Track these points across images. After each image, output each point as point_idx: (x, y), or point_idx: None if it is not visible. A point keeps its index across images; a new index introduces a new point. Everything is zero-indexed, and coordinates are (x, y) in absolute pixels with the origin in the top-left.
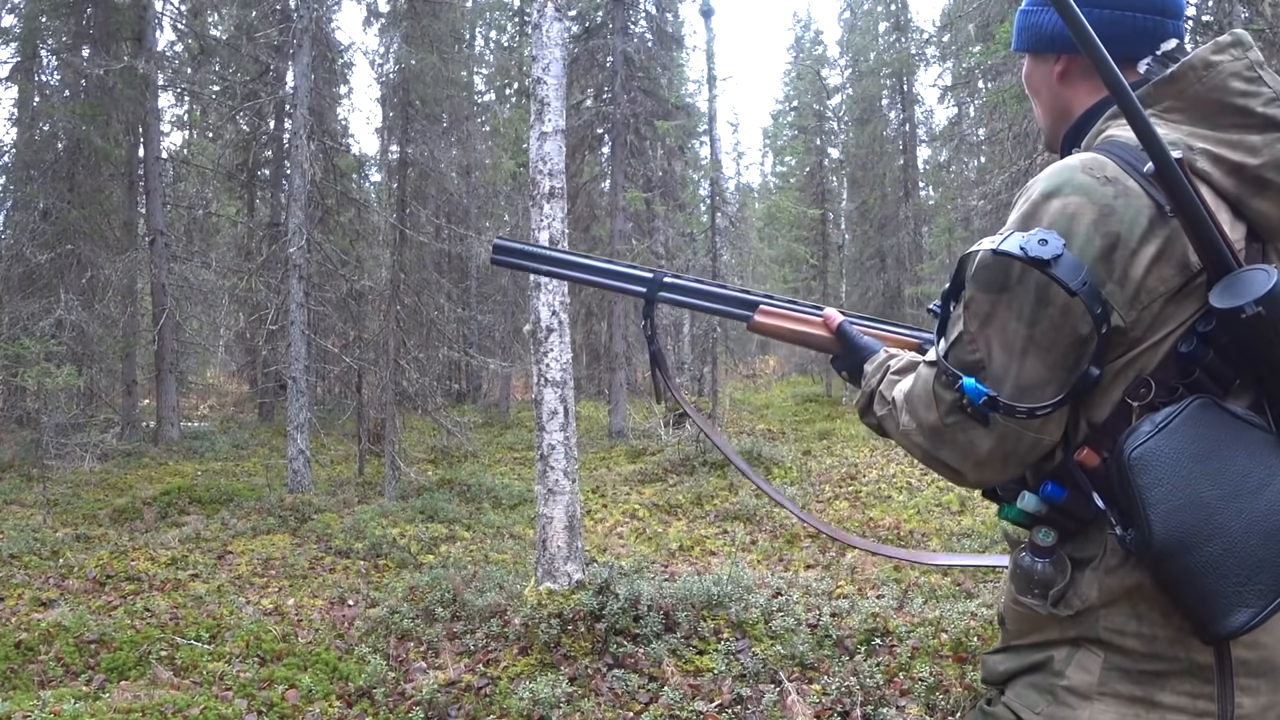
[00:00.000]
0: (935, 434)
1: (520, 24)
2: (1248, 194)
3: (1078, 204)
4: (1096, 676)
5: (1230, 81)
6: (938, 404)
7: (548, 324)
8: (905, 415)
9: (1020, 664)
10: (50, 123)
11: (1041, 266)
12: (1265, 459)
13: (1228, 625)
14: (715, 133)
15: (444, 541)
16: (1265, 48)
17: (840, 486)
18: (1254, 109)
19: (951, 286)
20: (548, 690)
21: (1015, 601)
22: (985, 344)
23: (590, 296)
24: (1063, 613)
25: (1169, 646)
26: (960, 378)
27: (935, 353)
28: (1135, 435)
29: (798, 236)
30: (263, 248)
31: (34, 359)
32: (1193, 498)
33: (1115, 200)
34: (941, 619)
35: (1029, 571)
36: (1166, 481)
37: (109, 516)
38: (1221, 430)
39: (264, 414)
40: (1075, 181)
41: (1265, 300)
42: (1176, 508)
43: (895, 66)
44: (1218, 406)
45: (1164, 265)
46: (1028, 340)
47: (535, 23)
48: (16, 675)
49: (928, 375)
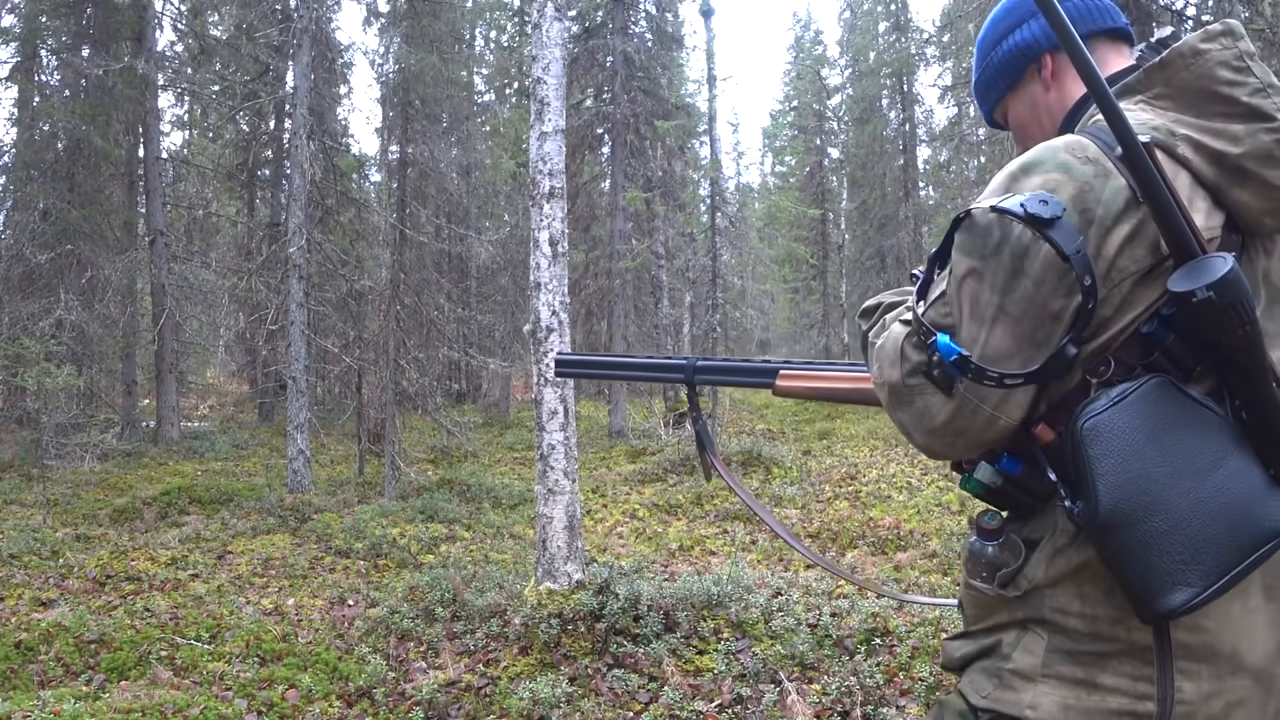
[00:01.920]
0: (894, 393)
1: (520, 24)
2: (1228, 183)
3: (1058, 180)
4: (1040, 658)
5: (1218, 70)
6: (902, 362)
7: (548, 324)
8: (875, 367)
9: (974, 649)
10: (50, 123)
11: (1039, 225)
12: (1217, 442)
13: (1167, 604)
14: (715, 133)
15: (444, 541)
16: (1265, 47)
17: (840, 486)
18: (1239, 98)
19: (939, 249)
20: (548, 690)
21: (967, 585)
22: (958, 306)
23: (590, 296)
24: (1010, 594)
25: (1110, 626)
26: (934, 334)
27: (912, 312)
28: (1091, 407)
29: (798, 236)
30: (263, 248)
31: (34, 359)
32: (1141, 472)
33: (1094, 179)
34: (941, 619)
35: (978, 554)
36: (1116, 454)
37: (109, 516)
38: (1176, 410)
39: (264, 414)
40: (1057, 159)
41: (1216, 286)
42: (1124, 480)
43: (895, 66)
44: (1174, 387)
45: (1136, 246)
46: (999, 308)
47: (535, 23)
48: (16, 675)
49: (899, 333)
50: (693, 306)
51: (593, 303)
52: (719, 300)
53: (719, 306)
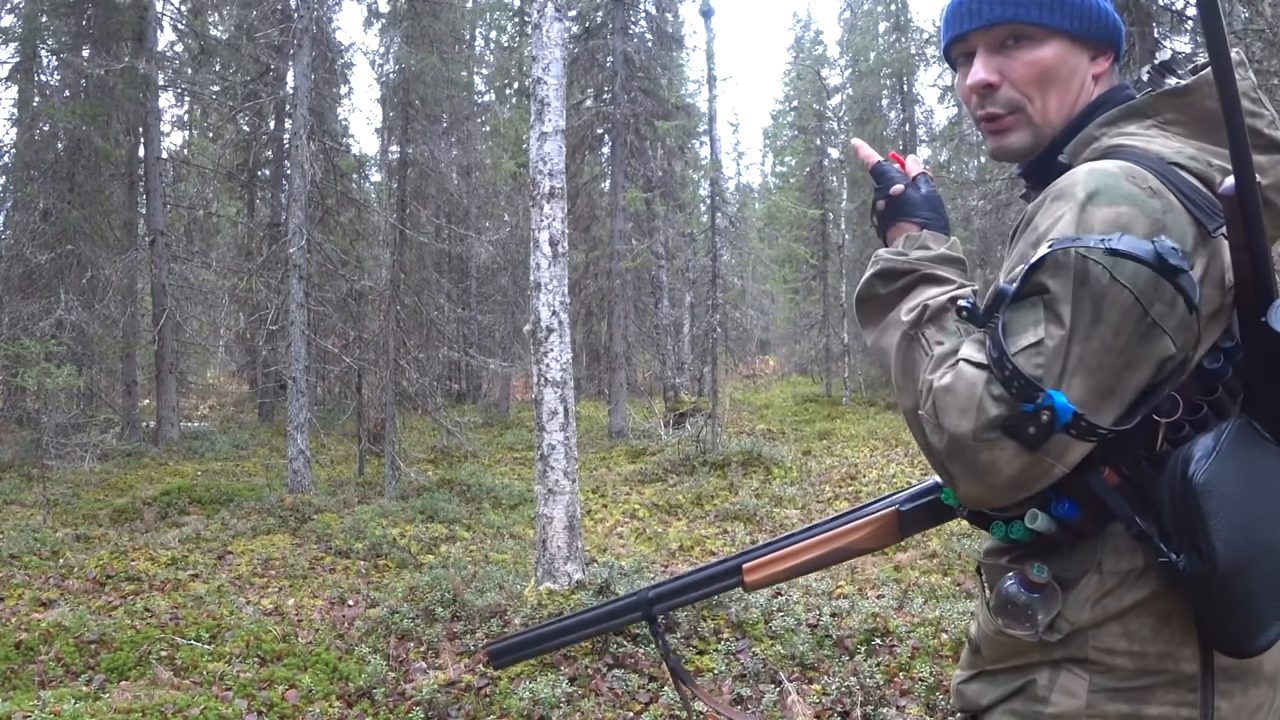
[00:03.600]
0: (958, 444)
1: (520, 24)
2: None
3: (1130, 215)
4: (1084, 700)
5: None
6: (979, 414)
7: (548, 324)
8: (929, 406)
9: (1000, 692)
10: (50, 123)
11: (1173, 276)
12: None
13: (1262, 641)
14: (715, 133)
15: (444, 541)
16: (1265, 47)
17: (840, 486)
18: (1261, 129)
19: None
20: (548, 690)
21: (999, 633)
22: (1056, 356)
23: (590, 296)
24: (1051, 639)
25: (1158, 661)
26: (1041, 390)
27: (986, 354)
28: (1197, 460)
29: (798, 236)
30: (263, 248)
31: (34, 359)
32: (1248, 520)
33: (1164, 215)
34: (941, 619)
35: (1023, 607)
36: (1230, 506)
37: (109, 516)
38: (1258, 449)
39: (264, 414)
40: (1122, 190)
41: None
42: (1237, 532)
43: (895, 66)
44: (1250, 426)
45: (1207, 285)
46: (1080, 358)
47: (535, 23)
48: (16, 675)
49: (975, 378)
50: (693, 306)
51: (593, 303)
52: (719, 300)
53: (719, 306)
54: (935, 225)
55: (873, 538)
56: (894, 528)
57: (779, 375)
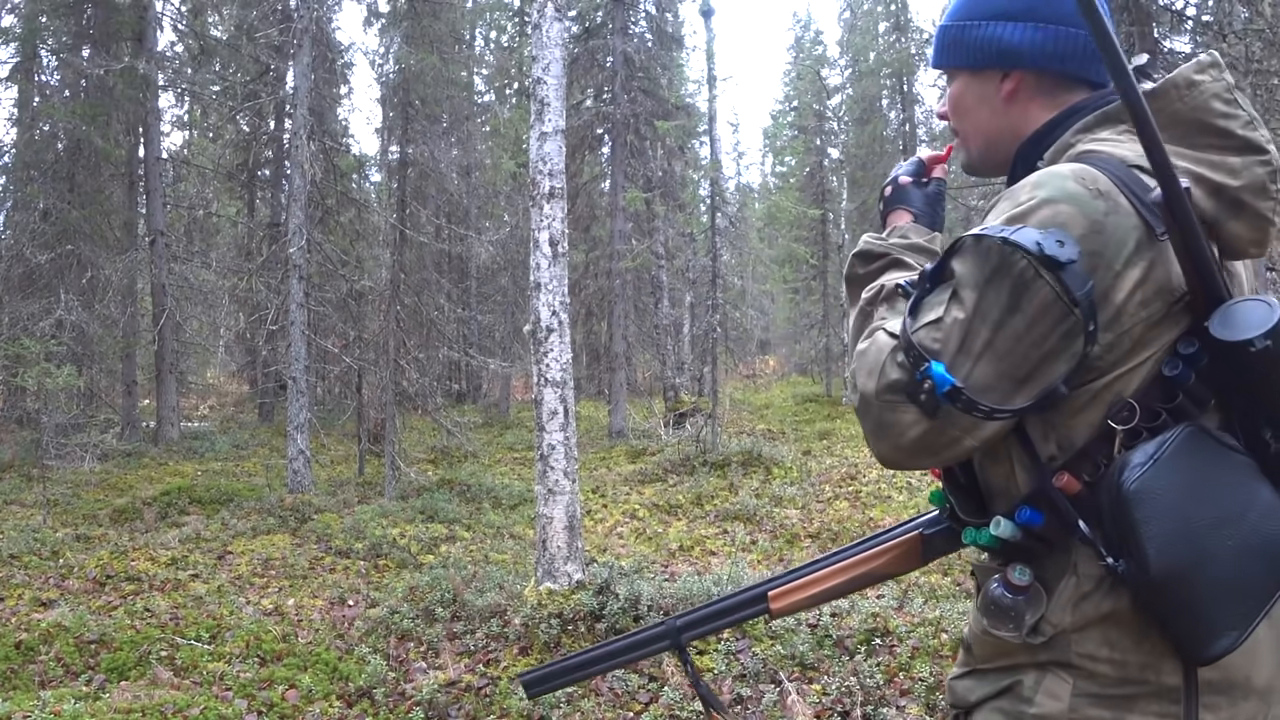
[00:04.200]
0: (865, 403)
1: (520, 24)
2: (1225, 215)
3: (1069, 214)
4: (1066, 703)
5: (1212, 102)
6: (880, 376)
7: (548, 324)
8: (852, 368)
9: (990, 689)
10: (50, 123)
11: (1053, 268)
12: (1246, 484)
13: (1216, 649)
14: (715, 133)
15: (444, 541)
16: (1265, 48)
17: (840, 486)
18: (1234, 131)
19: (935, 268)
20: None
21: (986, 633)
22: (952, 334)
23: (590, 296)
24: (1036, 641)
25: (1140, 671)
26: (927, 361)
27: (902, 326)
28: (1131, 467)
29: (798, 236)
30: (263, 248)
31: (34, 359)
32: (1187, 527)
33: (1106, 217)
34: (941, 619)
35: (1006, 608)
36: (1164, 513)
37: (109, 517)
38: (1208, 456)
39: (264, 414)
40: (1067, 190)
41: (1274, 334)
42: (1173, 539)
43: (895, 66)
44: (1203, 433)
45: (1146, 289)
46: (989, 341)
47: (535, 23)
48: (16, 675)
49: (885, 345)
50: (693, 306)
51: (593, 303)
52: (719, 300)
53: (719, 306)
54: (924, 219)
55: (895, 563)
56: (916, 552)
57: (779, 375)
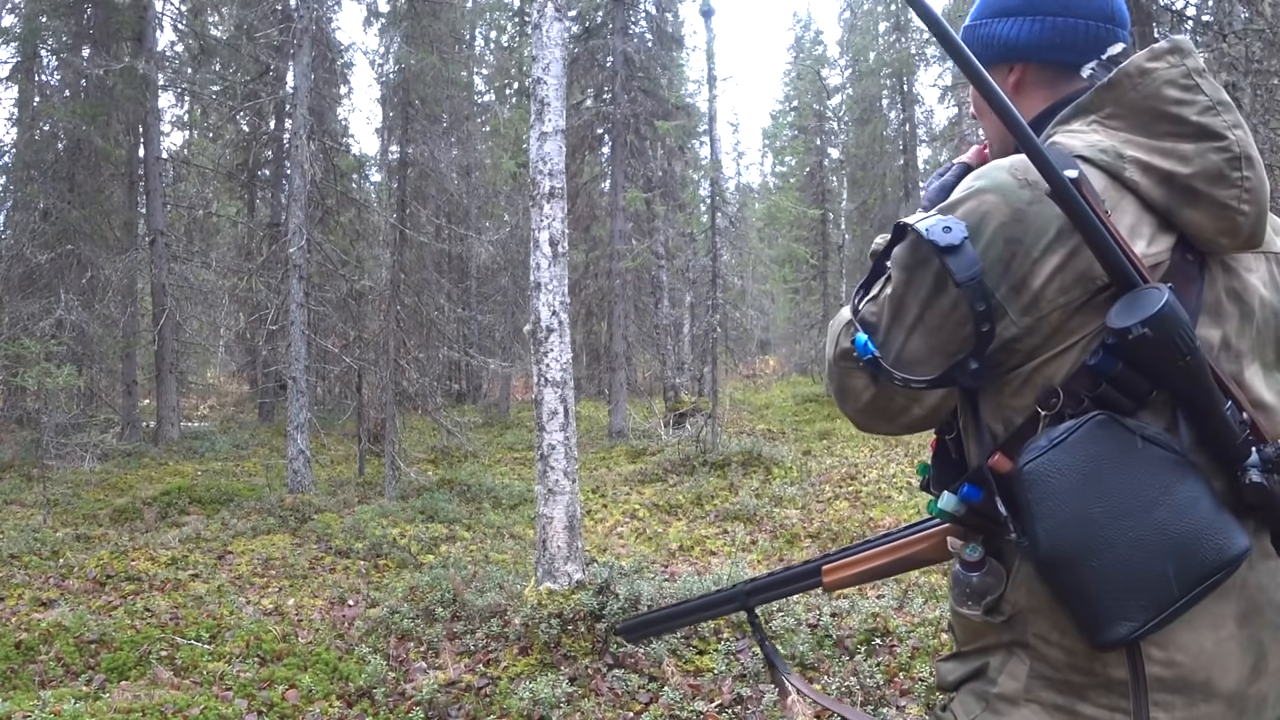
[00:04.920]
0: (830, 368)
1: (520, 24)
2: (1178, 204)
3: (992, 203)
4: (1022, 683)
5: (1165, 89)
6: (836, 345)
7: (548, 324)
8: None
9: (966, 671)
10: (50, 123)
11: (939, 252)
12: (1159, 478)
13: (1110, 635)
14: (715, 133)
15: (444, 541)
16: (1265, 48)
17: (840, 486)
18: (1188, 117)
19: (883, 251)
20: (548, 690)
21: (954, 612)
22: (884, 310)
23: (590, 296)
24: (996, 620)
25: (1086, 660)
26: (856, 331)
27: (852, 302)
28: (1031, 449)
29: (798, 236)
30: (263, 248)
31: (34, 359)
32: (1079, 514)
33: (1029, 206)
34: (941, 619)
35: (963, 583)
36: (1054, 497)
37: (109, 516)
38: (1118, 448)
39: (264, 414)
40: (997, 180)
41: (1152, 322)
42: (1063, 522)
43: (895, 66)
44: (1116, 423)
45: (1065, 276)
46: (918, 318)
47: (535, 23)
48: (16, 675)
49: (844, 317)
50: (693, 306)
51: (593, 303)
52: (719, 300)
53: (719, 306)
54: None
55: (937, 549)
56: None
57: (779, 375)
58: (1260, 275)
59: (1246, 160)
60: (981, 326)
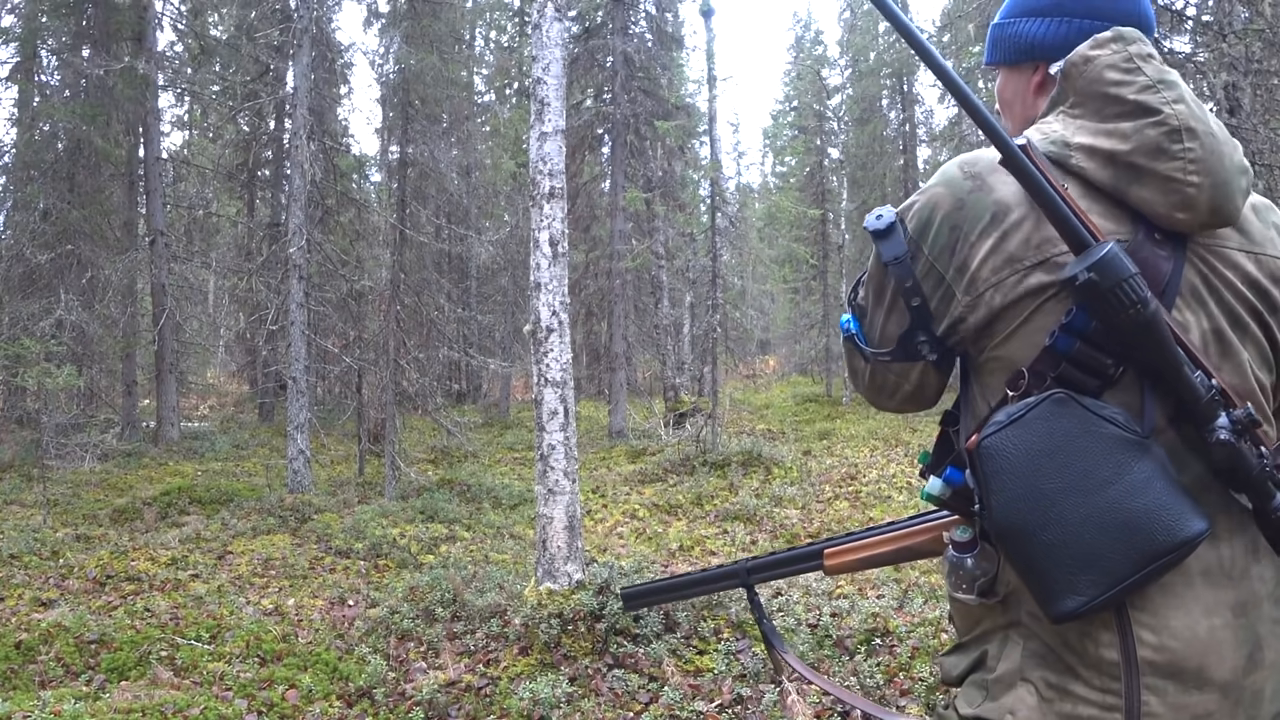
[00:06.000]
0: (844, 349)
1: (520, 24)
2: (1125, 182)
3: (939, 195)
4: (1017, 663)
5: (1106, 73)
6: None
7: (548, 324)
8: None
9: (968, 663)
10: (50, 123)
11: (873, 238)
12: (1114, 457)
13: (1060, 608)
14: (715, 133)
15: (444, 541)
16: (1265, 48)
17: (840, 486)
18: (1126, 96)
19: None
20: (548, 690)
21: (951, 598)
22: (867, 294)
23: (590, 296)
24: (991, 601)
25: (1078, 640)
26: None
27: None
28: (990, 425)
29: (798, 236)
30: (263, 248)
31: (34, 359)
32: (1033, 489)
33: (969, 195)
34: (941, 619)
35: (957, 567)
36: (1008, 471)
37: (109, 516)
38: (1074, 426)
39: (264, 414)
40: (947, 175)
41: (1097, 266)
42: (1016, 497)
43: (895, 66)
44: (1074, 402)
45: (996, 258)
46: (878, 299)
47: (535, 23)
48: (16, 675)
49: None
50: (693, 306)
51: (593, 303)
52: (719, 300)
53: (719, 306)
54: None
55: (938, 541)
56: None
57: (779, 375)
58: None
59: (1188, 132)
60: (911, 301)
